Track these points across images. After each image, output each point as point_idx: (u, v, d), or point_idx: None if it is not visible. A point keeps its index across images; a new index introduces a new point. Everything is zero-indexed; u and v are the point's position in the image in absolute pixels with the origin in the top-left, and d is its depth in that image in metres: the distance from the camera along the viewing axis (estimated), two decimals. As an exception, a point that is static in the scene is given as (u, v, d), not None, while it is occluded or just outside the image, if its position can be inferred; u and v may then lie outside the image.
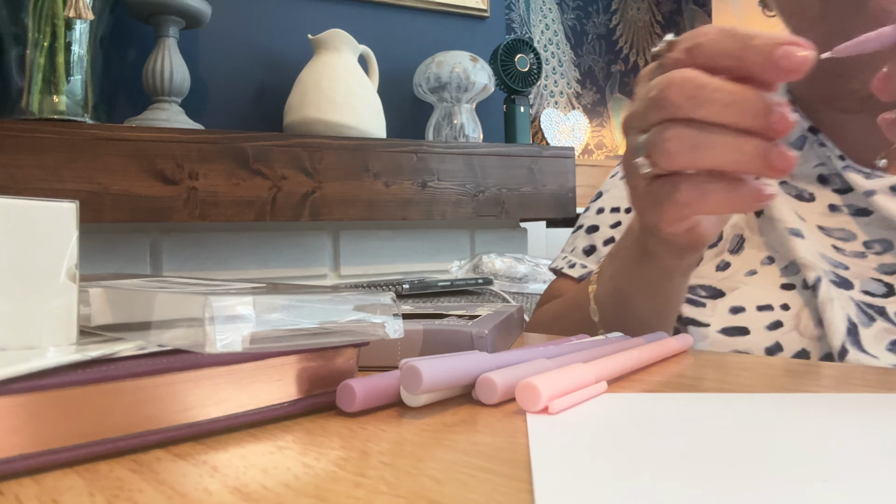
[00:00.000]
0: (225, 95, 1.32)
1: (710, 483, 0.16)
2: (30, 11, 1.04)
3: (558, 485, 0.16)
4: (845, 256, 0.50)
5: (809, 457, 0.18)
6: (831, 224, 0.52)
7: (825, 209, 0.53)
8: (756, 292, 0.51)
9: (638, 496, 0.15)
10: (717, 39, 0.31)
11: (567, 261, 0.65)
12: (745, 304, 0.50)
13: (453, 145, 1.32)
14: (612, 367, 0.29)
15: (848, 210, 0.52)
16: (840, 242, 0.51)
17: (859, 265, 0.49)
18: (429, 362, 0.24)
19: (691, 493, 0.16)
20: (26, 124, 0.99)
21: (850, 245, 0.51)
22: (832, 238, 0.52)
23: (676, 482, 0.16)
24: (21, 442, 0.18)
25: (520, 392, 0.23)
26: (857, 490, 0.16)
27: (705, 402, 0.25)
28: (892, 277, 0.48)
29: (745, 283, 0.52)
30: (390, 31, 1.48)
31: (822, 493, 0.16)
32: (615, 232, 0.63)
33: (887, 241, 0.50)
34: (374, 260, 1.37)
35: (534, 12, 3.19)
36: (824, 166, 0.54)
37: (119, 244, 1.16)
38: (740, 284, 0.52)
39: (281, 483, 0.17)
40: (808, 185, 0.54)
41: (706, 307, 0.52)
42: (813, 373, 0.32)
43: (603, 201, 0.66)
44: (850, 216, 0.52)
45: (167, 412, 0.20)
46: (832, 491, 0.16)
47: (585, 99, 3.35)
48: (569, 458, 0.18)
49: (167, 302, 0.22)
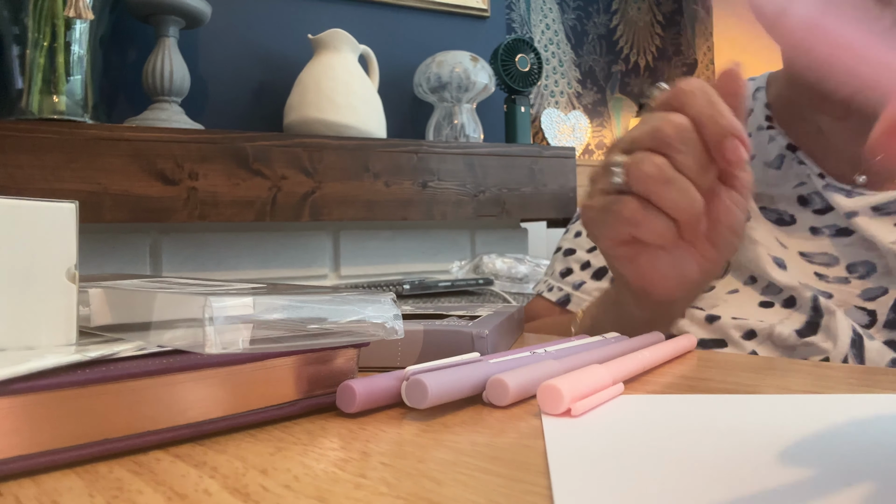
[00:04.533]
0: (225, 95, 1.32)
1: (732, 487, 0.16)
2: (30, 11, 1.04)
3: (577, 489, 0.16)
4: (829, 283, 0.50)
5: (832, 460, 0.18)
6: (813, 249, 0.52)
7: (806, 232, 0.52)
8: (733, 308, 0.51)
9: (660, 500, 0.15)
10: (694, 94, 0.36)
11: (547, 284, 0.66)
12: (721, 314, 0.51)
13: (454, 145, 1.32)
14: (629, 368, 0.29)
15: (828, 231, 0.52)
16: (823, 269, 0.51)
17: (843, 292, 0.49)
18: (434, 375, 0.24)
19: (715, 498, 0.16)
20: (26, 124, 0.99)
21: (833, 270, 0.50)
22: (814, 264, 0.51)
23: (699, 486, 0.16)
24: (20, 443, 0.18)
25: (542, 394, 0.23)
26: (882, 494, 0.16)
27: (722, 403, 0.25)
28: (874, 304, 0.48)
29: (724, 301, 0.52)
30: (390, 31, 1.48)
31: (847, 497, 0.15)
32: (591, 256, 0.63)
33: (869, 262, 0.49)
34: (374, 260, 1.37)
35: (534, 12, 3.19)
36: (804, 185, 0.54)
37: (119, 244, 1.16)
38: (719, 302, 0.52)
39: (281, 484, 0.17)
40: (789, 207, 0.54)
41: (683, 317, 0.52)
42: (822, 374, 0.32)
43: (580, 224, 0.66)
44: (830, 237, 0.51)
45: (167, 413, 0.20)
46: (857, 495, 0.16)
47: (586, 99, 3.35)
48: (588, 461, 0.18)
49: (167, 302, 0.22)
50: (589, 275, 0.62)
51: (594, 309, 0.50)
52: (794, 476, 0.17)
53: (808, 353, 0.47)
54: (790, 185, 0.54)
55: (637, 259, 0.40)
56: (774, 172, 0.55)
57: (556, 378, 0.24)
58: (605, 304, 0.49)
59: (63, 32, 1.06)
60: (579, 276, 0.63)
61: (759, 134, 0.58)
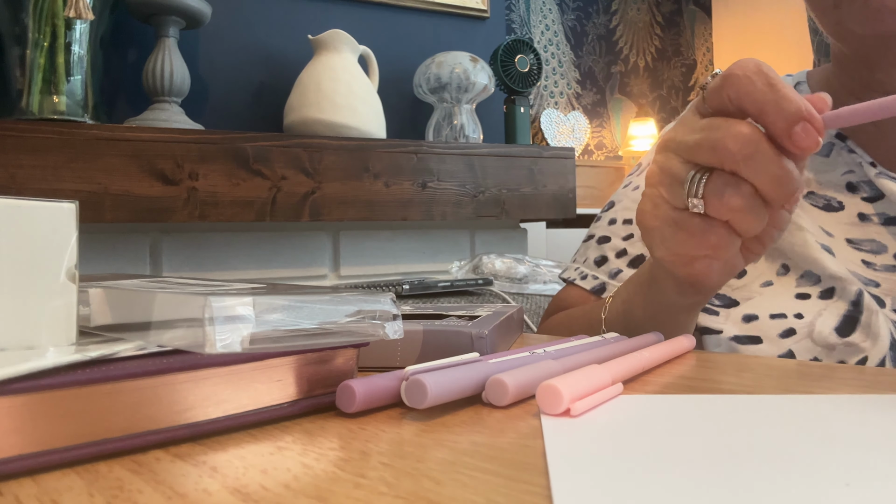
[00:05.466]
0: (225, 96, 1.32)
1: (733, 487, 0.16)
2: (30, 11, 1.04)
3: (576, 489, 0.16)
4: (876, 272, 0.50)
5: (830, 460, 0.18)
6: (860, 236, 0.51)
7: (854, 218, 0.52)
8: (770, 301, 0.50)
9: (659, 500, 0.15)
10: (750, 80, 0.32)
11: (579, 272, 0.65)
12: (759, 313, 0.50)
13: (453, 146, 1.32)
14: (627, 368, 0.29)
15: (878, 219, 0.51)
16: (870, 256, 0.50)
17: (890, 280, 0.49)
18: (434, 375, 0.24)
19: (714, 498, 0.16)
20: (26, 124, 0.99)
21: (881, 258, 0.50)
22: (862, 251, 0.51)
23: (699, 486, 0.16)
24: (21, 442, 0.18)
25: (541, 394, 0.23)
26: (881, 495, 0.16)
27: (722, 403, 0.25)
28: None
29: (759, 294, 0.51)
30: (390, 32, 1.48)
31: (846, 497, 0.15)
32: (627, 244, 0.62)
33: None
34: (373, 260, 1.37)
35: (534, 13, 3.19)
36: (853, 173, 0.53)
37: (119, 244, 1.16)
38: (755, 294, 0.51)
39: (280, 484, 0.17)
40: (837, 194, 0.53)
41: (719, 315, 0.51)
42: (820, 374, 0.32)
43: (615, 212, 0.65)
44: (881, 225, 0.51)
45: (167, 412, 0.20)
46: (856, 496, 0.16)
47: (585, 99, 3.35)
48: (587, 461, 0.18)
49: (167, 302, 0.22)
50: (625, 263, 0.61)
51: (624, 292, 0.49)
52: (794, 476, 0.17)
53: (848, 353, 0.46)
54: (838, 173, 0.54)
55: (693, 264, 0.38)
56: (822, 160, 0.55)
57: (556, 378, 0.24)
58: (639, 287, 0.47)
59: (63, 32, 1.06)
60: (616, 263, 0.62)
61: None
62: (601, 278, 0.62)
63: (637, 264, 0.61)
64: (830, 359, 0.47)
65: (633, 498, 0.15)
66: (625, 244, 0.62)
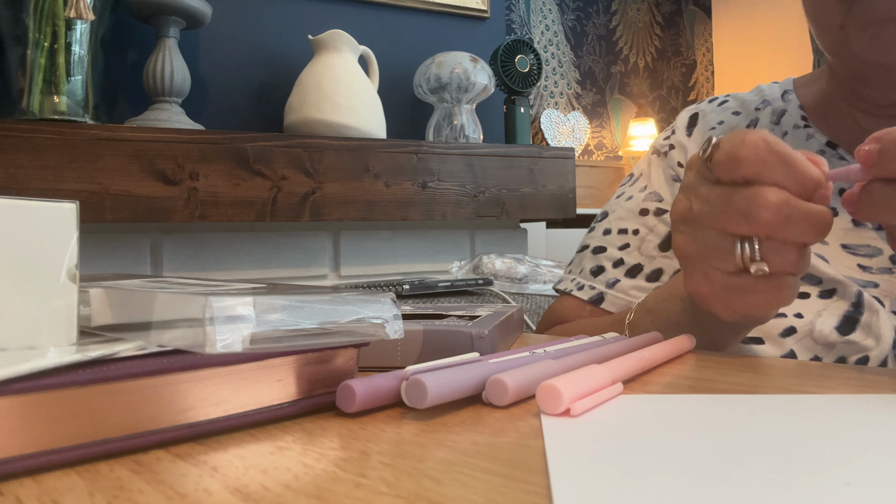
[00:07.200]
0: (225, 96, 1.32)
1: (733, 487, 0.16)
2: (30, 12, 1.04)
3: (576, 488, 0.16)
4: (872, 274, 0.50)
5: (830, 460, 0.18)
6: (855, 241, 0.52)
7: (849, 224, 0.52)
8: None
9: (659, 500, 0.15)
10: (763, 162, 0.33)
11: (575, 282, 0.65)
12: None
13: (453, 146, 1.33)
14: (627, 368, 0.29)
15: (872, 224, 0.52)
16: (866, 260, 0.51)
17: (888, 282, 0.49)
18: (434, 375, 0.24)
19: (714, 498, 0.16)
20: (27, 124, 0.99)
21: (877, 261, 0.50)
22: (858, 256, 0.51)
23: (699, 486, 0.16)
24: (21, 442, 0.18)
25: (541, 394, 0.23)
26: (881, 495, 0.16)
27: (722, 403, 0.25)
28: None
29: None
30: (390, 32, 1.48)
31: (846, 497, 0.15)
32: (624, 254, 0.62)
33: None
34: (374, 260, 1.37)
35: (534, 13, 3.19)
36: None
37: (119, 244, 1.16)
38: None
39: (281, 483, 0.17)
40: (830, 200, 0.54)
41: None
42: (820, 374, 0.32)
43: (609, 222, 0.65)
44: (874, 230, 0.51)
45: (167, 412, 0.20)
46: (856, 496, 0.16)
47: (585, 100, 3.35)
48: (587, 461, 0.18)
49: (167, 302, 0.22)
50: (622, 272, 0.61)
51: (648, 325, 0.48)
52: (794, 476, 0.17)
53: (849, 351, 0.46)
54: None
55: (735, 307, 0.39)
56: None
57: (556, 378, 0.24)
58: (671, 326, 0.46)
59: (64, 33, 1.06)
60: (613, 273, 0.62)
61: (796, 132, 0.58)
62: (598, 288, 0.62)
63: (634, 274, 0.61)
64: (831, 356, 0.47)
65: (632, 498, 0.15)
66: (621, 254, 0.63)
